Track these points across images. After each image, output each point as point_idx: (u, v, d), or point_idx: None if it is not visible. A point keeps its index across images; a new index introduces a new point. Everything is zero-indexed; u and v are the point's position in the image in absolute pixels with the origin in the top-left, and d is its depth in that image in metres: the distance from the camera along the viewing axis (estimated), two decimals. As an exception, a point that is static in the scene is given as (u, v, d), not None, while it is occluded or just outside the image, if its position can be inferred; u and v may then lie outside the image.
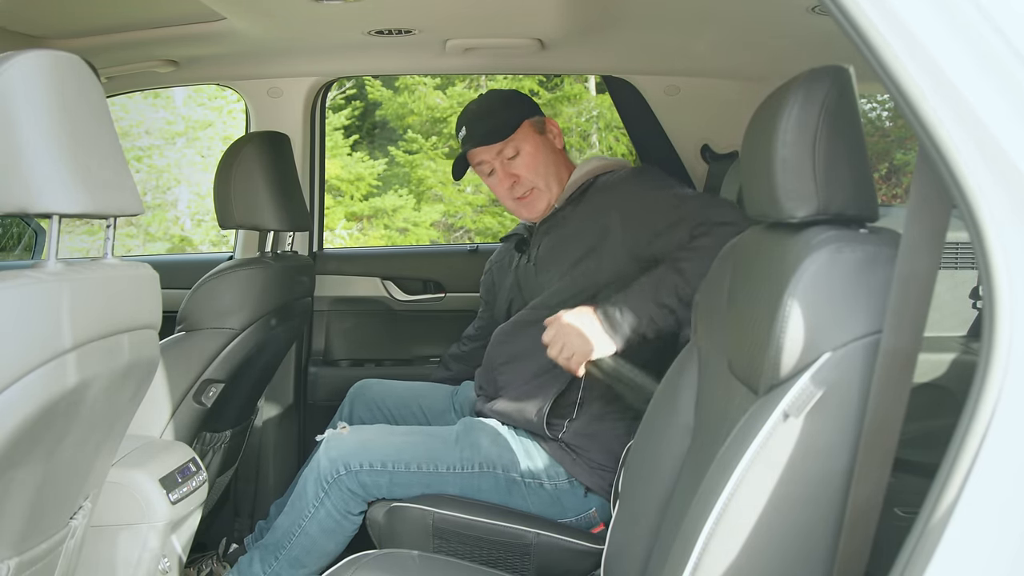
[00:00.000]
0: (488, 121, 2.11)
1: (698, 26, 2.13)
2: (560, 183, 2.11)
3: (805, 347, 0.96)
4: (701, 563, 0.98)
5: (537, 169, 2.09)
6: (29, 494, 1.15)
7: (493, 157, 2.10)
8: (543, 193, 2.10)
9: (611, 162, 2.14)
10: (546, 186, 2.10)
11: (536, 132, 2.11)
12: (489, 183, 2.17)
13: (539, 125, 2.13)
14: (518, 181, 2.10)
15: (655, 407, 1.48)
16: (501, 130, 2.08)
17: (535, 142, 2.10)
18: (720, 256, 1.41)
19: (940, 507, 0.82)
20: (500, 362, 2.04)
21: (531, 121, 2.11)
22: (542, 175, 2.10)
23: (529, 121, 2.11)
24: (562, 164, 2.14)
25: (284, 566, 1.95)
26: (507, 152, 2.09)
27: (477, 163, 2.14)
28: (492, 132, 2.09)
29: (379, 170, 9.14)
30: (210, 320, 2.05)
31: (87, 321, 1.13)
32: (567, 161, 2.16)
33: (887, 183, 8.55)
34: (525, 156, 2.09)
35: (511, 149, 2.08)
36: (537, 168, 2.09)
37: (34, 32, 2.13)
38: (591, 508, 1.89)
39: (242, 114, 2.92)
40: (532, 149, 2.09)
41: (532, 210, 2.13)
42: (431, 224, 9.10)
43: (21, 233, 3.62)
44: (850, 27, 0.85)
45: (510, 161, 2.09)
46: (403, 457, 1.89)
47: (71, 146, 1.09)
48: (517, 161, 2.09)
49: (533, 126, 2.12)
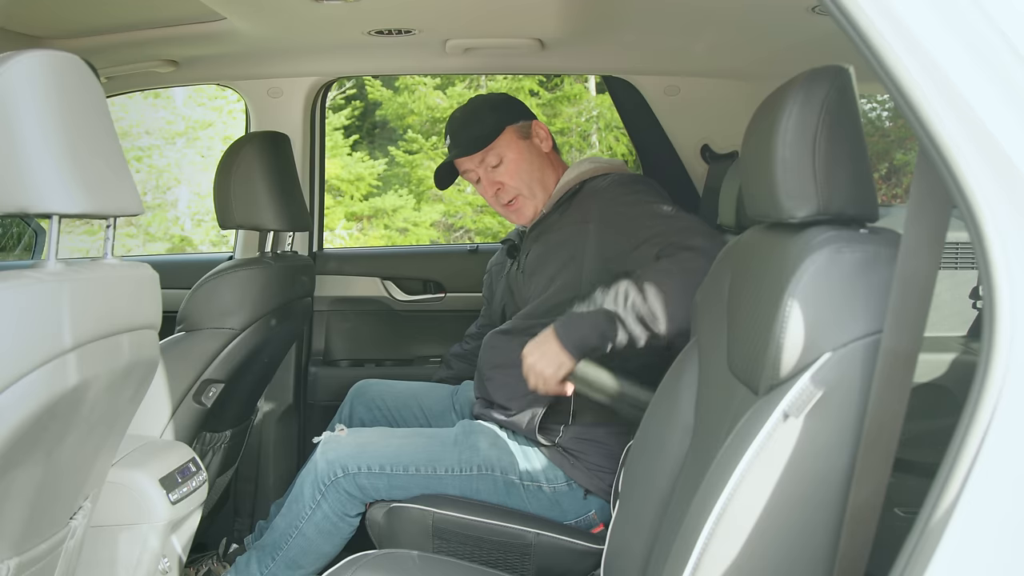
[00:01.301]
0: (470, 129, 2.09)
1: (698, 26, 2.13)
2: (546, 189, 2.10)
3: (805, 347, 0.96)
4: (701, 563, 0.98)
5: (520, 176, 2.07)
6: (29, 494, 1.14)
7: (477, 165, 2.10)
8: (528, 200, 2.09)
9: (602, 165, 2.11)
10: (530, 193, 2.09)
11: (520, 138, 2.09)
12: (478, 190, 2.17)
13: (523, 130, 2.11)
14: (502, 189, 2.09)
15: (655, 407, 1.48)
16: (483, 138, 2.07)
17: (518, 148, 2.08)
18: (720, 256, 1.41)
19: (940, 507, 0.82)
20: (489, 367, 2.04)
21: (515, 127, 2.09)
22: (526, 182, 2.08)
23: (513, 127, 2.09)
24: (548, 169, 2.11)
25: (281, 567, 1.95)
26: (490, 160, 2.08)
27: (464, 171, 2.14)
28: (474, 140, 2.07)
29: (379, 170, 9.14)
30: (210, 320, 2.05)
31: (87, 321, 1.13)
32: (556, 165, 2.14)
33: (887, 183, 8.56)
34: (508, 164, 2.07)
35: (494, 157, 2.07)
36: (520, 175, 2.07)
37: (34, 32, 2.13)
38: (591, 510, 1.88)
39: (242, 114, 2.93)
40: (515, 156, 2.07)
41: (520, 216, 2.12)
42: (431, 224, 9.11)
43: (21, 233, 3.62)
44: (850, 27, 0.85)
45: (494, 169, 2.08)
46: (402, 460, 1.89)
47: (71, 146, 1.09)
48: (500, 169, 2.07)
49: (517, 132, 2.09)
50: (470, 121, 2.12)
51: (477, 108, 2.15)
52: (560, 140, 8.50)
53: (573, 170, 2.10)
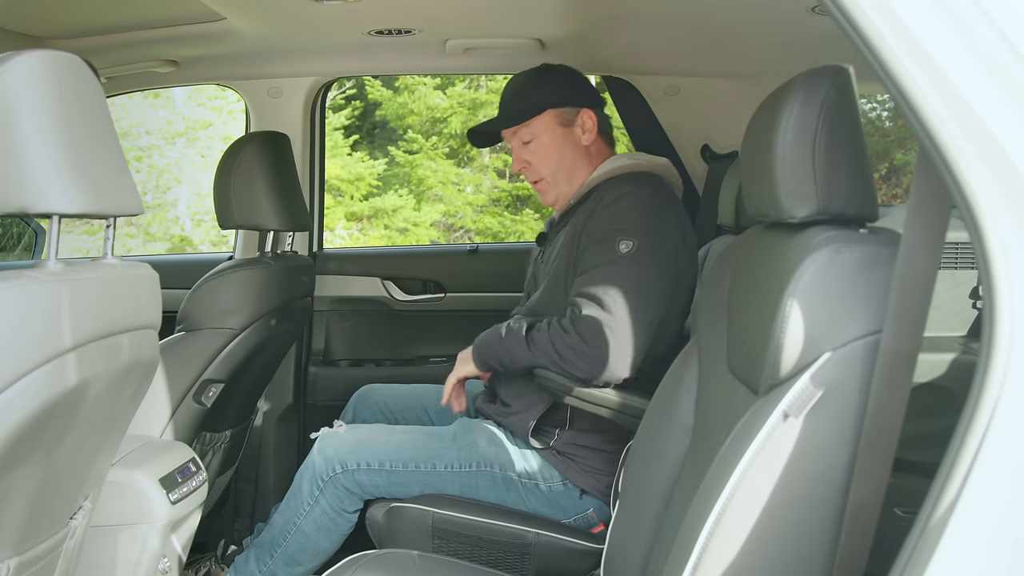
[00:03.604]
0: (515, 101, 2.04)
1: (698, 26, 2.13)
2: (571, 181, 2.02)
3: (805, 347, 0.96)
4: (701, 563, 0.98)
5: (548, 162, 2.01)
6: (29, 494, 1.15)
7: (510, 136, 2.05)
8: (550, 187, 2.03)
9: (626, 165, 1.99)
10: (553, 181, 2.02)
11: (559, 124, 2.00)
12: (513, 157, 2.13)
13: (567, 116, 2.00)
14: (527, 168, 2.04)
15: (655, 406, 1.48)
16: (519, 114, 2.01)
17: (553, 134, 2.00)
18: (720, 256, 1.41)
19: (940, 507, 0.82)
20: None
21: (558, 111, 1.99)
22: (551, 169, 2.01)
23: (555, 111, 1.99)
24: (581, 161, 2.02)
25: (280, 564, 1.95)
26: (522, 136, 2.01)
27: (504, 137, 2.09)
28: (512, 113, 2.03)
29: (379, 170, 9.14)
30: (210, 320, 2.05)
31: (87, 321, 1.13)
32: (593, 158, 2.03)
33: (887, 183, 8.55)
34: (538, 146, 2.01)
35: (526, 134, 2.01)
36: (548, 161, 2.01)
37: (34, 32, 2.13)
38: (588, 509, 1.89)
39: (242, 114, 2.93)
40: (547, 141, 2.00)
41: (543, 198, 2.08)
42: (431, 224, 9.10)
43: (21, 233, 3.62)
44: (850, 27, 0.85)
45: (524, 146, 2.02)
46: (401, 456, 1.89)
47: (71, 146, 1.09)
48: (530, 147, 2.01)
49: (558, 116, 1.99)
50: (520, 92, 2.05)
51: (532, 81, 2.06)
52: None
53: (603, 167, 2.01)
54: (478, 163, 9.34)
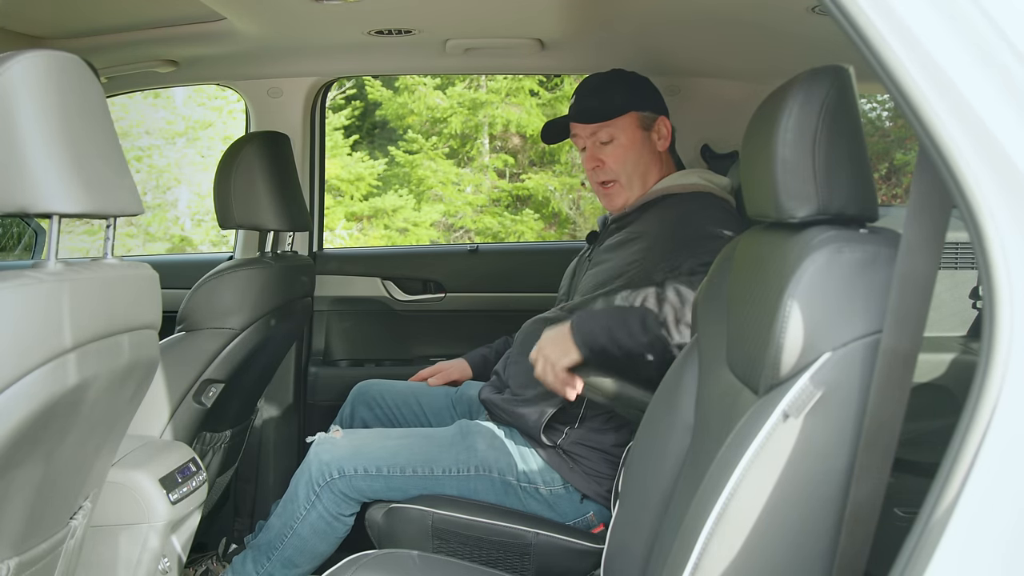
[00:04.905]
0: (596, 99, 2.05)
1: (698, 26, 2.13)
2: (644, 185, 2.03)
3: (805, 347, 0.96)
4: (701, 563, 0.97)
5: (624, 164, 2.02)
6: (29, 494, 1.15)
7: (588, 135, 2.05)
8: (623, 189, 2.04)
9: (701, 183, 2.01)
10: (628, 183, 2.03)
11: (639, 127, 2.03)
12: (581, 158, 2.12)
13: (646, 121, 2.04)
14: (601, 167, 2.04)
15: (655, 406, 1.48)
16: (602, 112, 2.02)
17: (633, 136, 2.02)
18: (720, 256, 1.41)
19: (940, 507, 0.82)
20: (518, 351, 2.02)
21: (639, 115, 2.03)
22: (627, 171, 2.02)
23: (637, 114, 2.02)
24: (655, 167, 2.05)
25: (277, 566, 1.95)
26: (601, 135, 2.02)
27: (574, 135, 2.09)
28: (592, 111, 2.03)
29: (379, 170, 9.14)
30: (210, 320, 2.05)
31: (87, 321, 1.13)
32: (665, 166, 2.07)
33: (887, 183, 8.56)
34: (617, 146, 2.02)
35: (605, 134, 2.02)
36: (625, 163, 2.02)
37: (34, 32, 2.13)
38: (588, 512, 1.88)
39: (242, 114, 2.93)
40: (627, 142, 2.02)
41: (611, 201, 2.07)
42: (431, 224, 9.10)
43: (21, 233, 3.62)
44: (850, 27, 0.85)
45: (602, 146, 2.03)
46: (398, 461, 1.89)
47: (71, 146, 1.09)
48: (608, 148, 2.02)
49: (639, 120, 2.03)
50: (600, 91, 2.06)
51: (612, 82, 2.08)
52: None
53: (676, 177, 2.04)
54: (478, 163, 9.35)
